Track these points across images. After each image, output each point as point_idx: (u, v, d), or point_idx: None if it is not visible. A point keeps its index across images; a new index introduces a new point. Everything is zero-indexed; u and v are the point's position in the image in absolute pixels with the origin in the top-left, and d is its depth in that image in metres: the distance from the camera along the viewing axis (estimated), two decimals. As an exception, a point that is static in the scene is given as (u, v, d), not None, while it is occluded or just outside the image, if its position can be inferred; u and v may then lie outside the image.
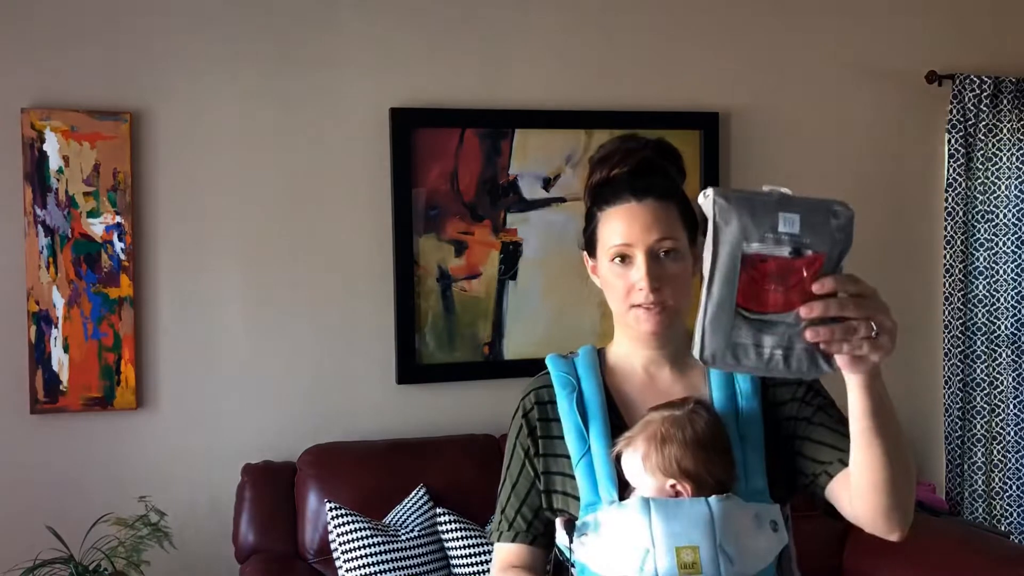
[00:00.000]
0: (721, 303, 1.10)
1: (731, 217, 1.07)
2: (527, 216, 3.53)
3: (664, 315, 1.46)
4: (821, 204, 1.09)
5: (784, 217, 1.07)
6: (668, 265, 1.45)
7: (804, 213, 1.07)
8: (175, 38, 3.24)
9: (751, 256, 1.07)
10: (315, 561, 3.10)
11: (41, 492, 3.13)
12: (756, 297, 1.09)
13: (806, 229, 1.07)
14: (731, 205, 1.08)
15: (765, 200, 1.08)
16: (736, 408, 1.47)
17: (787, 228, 1.07)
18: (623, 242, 1.46)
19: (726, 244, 1.08)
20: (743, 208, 1.07)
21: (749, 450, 1.44)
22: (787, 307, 1.08)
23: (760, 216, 1.07)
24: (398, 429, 3.40)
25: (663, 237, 1.45)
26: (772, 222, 1.07)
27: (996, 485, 3.94)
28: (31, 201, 3.10)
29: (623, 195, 1.47)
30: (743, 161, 3.77)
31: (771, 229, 1.07)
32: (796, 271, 1.07)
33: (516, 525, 1.52)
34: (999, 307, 3.93)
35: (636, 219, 1.45)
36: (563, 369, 1.54)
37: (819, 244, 1.08)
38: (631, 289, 1.46)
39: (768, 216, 1.07)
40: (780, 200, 1.08)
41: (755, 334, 1.08)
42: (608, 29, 3.62)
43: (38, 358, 3.10)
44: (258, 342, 3.33)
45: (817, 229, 1.08)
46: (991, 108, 3.89)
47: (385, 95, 3.41)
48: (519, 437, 1.55)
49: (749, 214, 1.07)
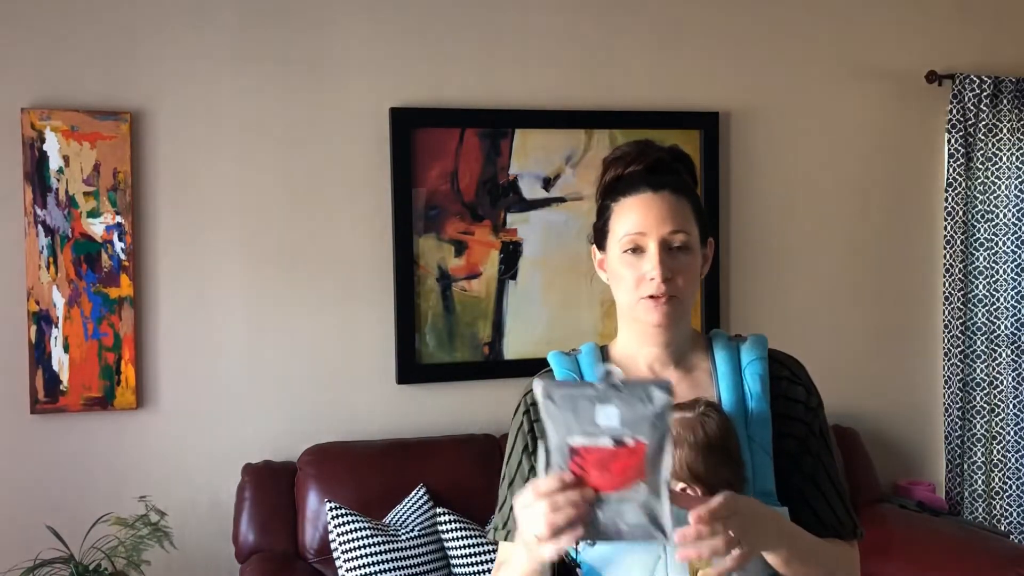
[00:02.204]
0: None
1: (557, 414, 1.19)
2: (527, 216, 3.53)
3: (672, 307, 1.46)
4: (639, 390, 1.19)
5: (602, 411, 1.18)
6: (679, 258, 1.45)
7: (622, 405, 1.18)
8: (175, 38, 3.24)
9: (577, 448, 1.19)
10: (315, 561, 3.10)
11: (41, 492, 3.13)
12: (585, 482, 1.20)
13: (625, 421, 1.18)
14: (556, 404, 1.19)
15: (587, 395, 1.19)
16: (746, 410, 1.46)
17: (606, 422, 1.18)
18: (637, 231, 1.45)
19: (554, 438, 1.20)
20: (566, 406, 1.19)
21: (758, 452, 1.43)
22: (614, 487, 1.19)
23: (581, 412, 1.18)
24: (398, 429, 3.41)
25: (677, 229, 1.45)
26: (592, 416, 1.18)
27: (996, 485, 3.94)
28: (31, 201, 3.10)
29: (639, 186, 1.48)
30: (743, 161, 3.77)
31: (591, 423, 1.18)
32: (619, 459, 1.18)
33: (512, 522, 1.52)
34: (999, 307, 3.93)
35: (651, 209, 1.45)
36: (566, 366, 1.54)
37: (639, 433, 1.18)
38: (641, 280, 1.45)
39: (589, 411, 1.18)
40: (602, 394, 1.18)
41: (589, 511, 1.20)
42: (608, 29, 3.62)
43: (38, 358, 3.10)
44: (258, 341, 3.33)
45: (636, 420, 1.18)
46: (991, 108, 3.89)
47: (385, 95, 3.41)
48: (519, 434, 1.55)
49: (571, 410, 1.18)
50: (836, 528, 1.49)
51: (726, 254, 3.76)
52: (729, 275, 3.77)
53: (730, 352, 1.51)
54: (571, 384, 1.23)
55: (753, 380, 1.47)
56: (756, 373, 1.47)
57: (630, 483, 1.18)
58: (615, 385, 1.19)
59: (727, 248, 3.76)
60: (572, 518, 1.18)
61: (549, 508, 1.18)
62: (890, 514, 3.53)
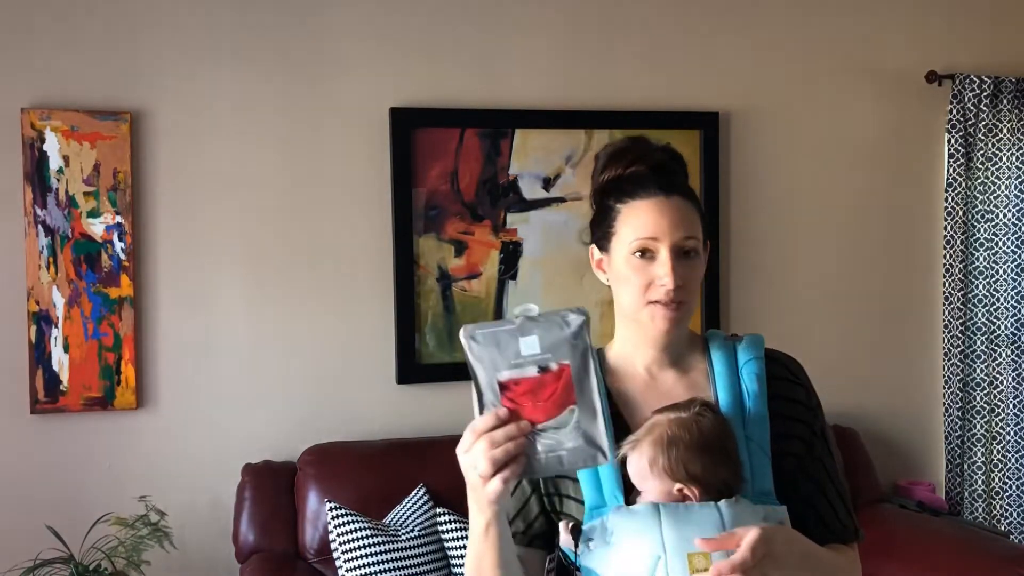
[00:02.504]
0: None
1: (482, 353, 1.23)
2: (527, 216, 3.53)
3: (680, 314, 1.45)
4: (555, 318, 1.22)
5: (523, 341, 1.22)
6: (689, 264, 1.45)
7: (542, 332, 1.21)
8: (175, 38, 3.24)
9: (505, 382, 1.23)
10: (315, 561, 3.10)
11: (41, 492, 3.13)
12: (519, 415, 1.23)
13: (546, 347, 1.21)
14: (479, 343, 1.24)
15: (508, 330, 1.22)
16: (743, 409, 1.45)
17: (529, 351, 1.22)
18: (649, 235, 1.44)
19: (483, 377, 1.24)
20: (489, 343, 1.23)
21: (756, 452, 1.43)
22: (547, 416, 1.22)
23: (504, 346, 1.22)
24: (398, 429, 3.41)
25: (689, 235, 1.44)
26: (516, 348, 1.22)
27: (996, 485, 3.94)
28: (31, 201, 3.10)
29: (650, 188, 1.45)
30: (743, 161, 3.77)
31: (515, 355, 1.22)
32: (547, 385, 1.21)
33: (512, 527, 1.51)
34: (999, 307, 3.93)
35: (664, 214, 1.44)
36: None
37: (561, 356, 1.21)
38: (651, 284, 1.44)
39: (511, 344, 1.22)
40: (521, 326, 1.22)
41: (529, 446, 1.22)
42: (608, 29, 3.62)
43: (38, 358, 3.10)
44: (258, 342, 3.33)
45: (556, 344, 1.21)
46: (991, 108, 3.89)
47: (385, 95, 3.41)
48: None
49: (495, 346, 1.23)
50: (839, 532, 1.49)
51: (726, 254, 3.76)
52: (729, 275, 3.77)
53: (727, 352, 1.50)
54: (491, 323, 1.26)
55: (750, 380, 1.47)
56: (753, 372, 1.47)
57: (562, 409, 1.21)
58: (532, 318, 1.22)
59: (727, 248, 3.76)
60: (511, 451, 1.21)
61: (488, 445, 1.21)
62: (890, 514, 3.53)
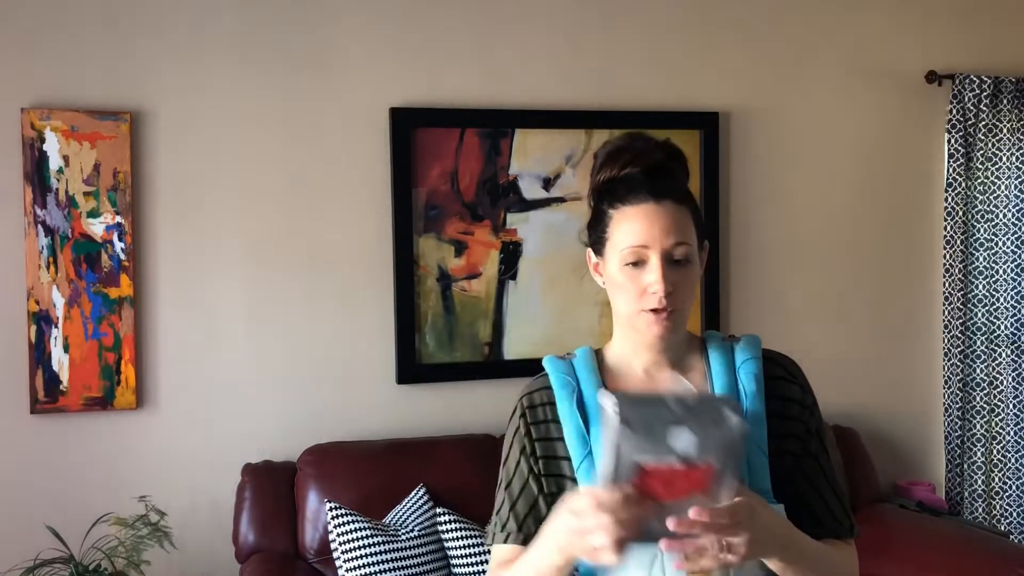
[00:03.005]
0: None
1: (630, 434, 1.21)
2: (527, 216, 3.53)
3: (673, 321, 1.45)
4: (711, 411, 1.21)
5: (675, 433, 1.20)
6: (681, 270, 1.44)
7: (695, 427, 1.20)
8: (175, 38, 3.24)
9: (645, 467, 1.21)
10: (315, 561, 3.10)
11: (41, 492, 3.13)
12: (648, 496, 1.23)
13: (698, 446, 1.20)
14: (631, 424, 1.21)
15: (662, 417, 1.20)
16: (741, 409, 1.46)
17: (679, 445, 1.20)
18: (640, 243, 1.43)
19: (624, 452, 1.21)
20: (639, 426, 1.21)
21: (753, 451, 1.43)
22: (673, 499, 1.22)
23: (655, 434, 1.20)
24: (398, 429, 3.41)
25: (680, 242, 1.43)
26: (665, 437, 1.20)
27: (996, 485, 3.94)
28: (31, 201, 3.10)
29: (641, 194, 1.45)
30: (743, 161, 3.77)
31: (664, 446, 1.20)
32: (685, 479, 1.21)
33: (508, 526, 1.52)
34: (999, 307, 3.93)
35: (655, 221, 1.43)
36: (562, 371, 1.53)
37: (707, 453, 1.20)
38: (643, 292, 1.44)
39: (662, 432, 1.20)
40: (675, 415, 1.20)
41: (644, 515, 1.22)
42: (608, 29, 3.62)
43: (38, 358, 3.10)
44: (258, 342, 3.33)
45: (709, 445, 1.20)
46: (991, 108, 3.89)
47: (385, 95, 3.41)
48: (516, 438, 1.54)
49: (645, 432, 1.20)
50: (834, 528, 1.50)
51: (726, 254, 3.76)
52: (729, 275, 3.77)
53: (724, 352, 1.50)
54: (643, 401, 1.25)
55: (748, 379, 1.47)
56: (750, 372, 1.47)
57: (690, 496, 1.22)
58: (687, 404, 1.21)
59: (727, 248, 3.76)
60: (631, 530, 1.22)
61: (611, 521, 1.22)
62: (890, 514, 3.53)
